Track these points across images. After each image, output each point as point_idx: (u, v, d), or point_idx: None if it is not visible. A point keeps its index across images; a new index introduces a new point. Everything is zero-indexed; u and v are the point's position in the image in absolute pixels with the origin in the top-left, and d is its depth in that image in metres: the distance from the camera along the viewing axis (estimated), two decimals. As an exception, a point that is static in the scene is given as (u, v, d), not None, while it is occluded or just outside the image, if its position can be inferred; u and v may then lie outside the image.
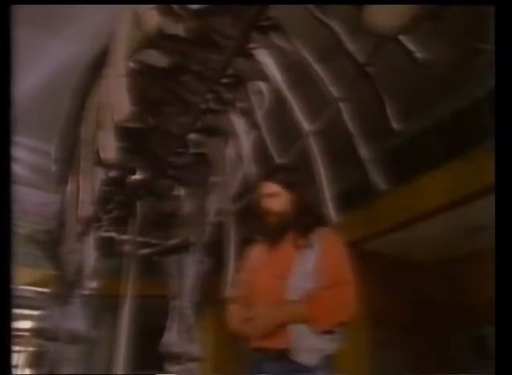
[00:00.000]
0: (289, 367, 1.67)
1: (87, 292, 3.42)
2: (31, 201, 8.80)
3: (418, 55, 1.80)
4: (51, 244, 4.02)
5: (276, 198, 1.89)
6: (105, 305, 6.01)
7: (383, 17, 1.63)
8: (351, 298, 1.73)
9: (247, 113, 2.75)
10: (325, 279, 1.73)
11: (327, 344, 1.70)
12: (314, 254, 1.77)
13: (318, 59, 2.25)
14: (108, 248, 3.93)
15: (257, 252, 1.96)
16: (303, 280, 1.74)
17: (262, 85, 2.69)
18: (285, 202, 1.88)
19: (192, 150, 3.15)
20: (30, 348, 4.12)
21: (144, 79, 2.74)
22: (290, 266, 1.77)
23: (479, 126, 5.66)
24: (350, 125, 2.14)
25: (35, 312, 5.64)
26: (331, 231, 1.88)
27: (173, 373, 3.62)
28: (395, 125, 2.01)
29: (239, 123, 2.82)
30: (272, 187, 1.92)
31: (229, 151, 2.98)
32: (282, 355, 1.68)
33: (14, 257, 1.78)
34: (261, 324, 1.69)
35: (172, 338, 3.66)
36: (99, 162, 2.74)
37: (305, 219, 1.86)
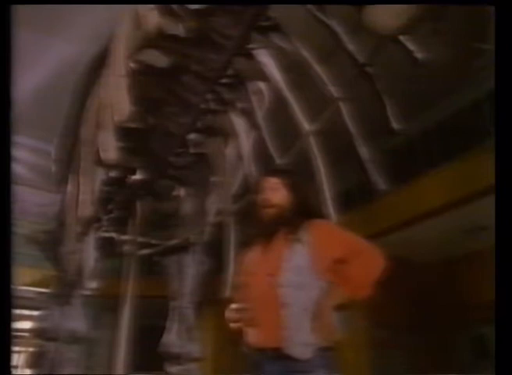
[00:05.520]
0: (289, 367, 1.68)
1: (87, 292, 3.42)
2: (31, 201, 8.80)
3: (418, 55, 1.80)
4: (51, 244, 4.02)
5: (276, 192, 1.92)
6: (105, 306, 6.01)
7: (383, 17, 1.64)
8: (375, 257, 1.82)
9: (247, 113, 2.75)
10: (338, 256, 1.79)
11: (321, 338, 1.70)
12: (304, 247, 1.79)
13: (317, 59, 2.25)
14: (108, 248, 3.93)
15: (252, 255, 1.97)
16: (294, 274, 1.76)
17: (262, 85, 2.69)
18: (283, 197, 1.91)
19: (192, 150, 3.15)
20: (30, 349, 4.12)
21: (144, 79, 2.74)
22: (281, 263, 1.79)
23: (479, 126, 5.66)
24: (350, 125, 2.14)
25: (35, 313, 5.63)
26: (320, 222, 1.90)
27: (173, 373, 3.62)
28: (395, 125, 2.01)
29: (239, 123, 2.82)
30: (273, 181, 1.96)
31: (229, 151, 2.98)
32: (282, 355, 1.69)
33: (14, 257, 1.78)
34: (324, 321, 1.72)
35: (172, 338, 3.66)
36: (99, 162, 2.74)
37: (296, 216, 1.87)
